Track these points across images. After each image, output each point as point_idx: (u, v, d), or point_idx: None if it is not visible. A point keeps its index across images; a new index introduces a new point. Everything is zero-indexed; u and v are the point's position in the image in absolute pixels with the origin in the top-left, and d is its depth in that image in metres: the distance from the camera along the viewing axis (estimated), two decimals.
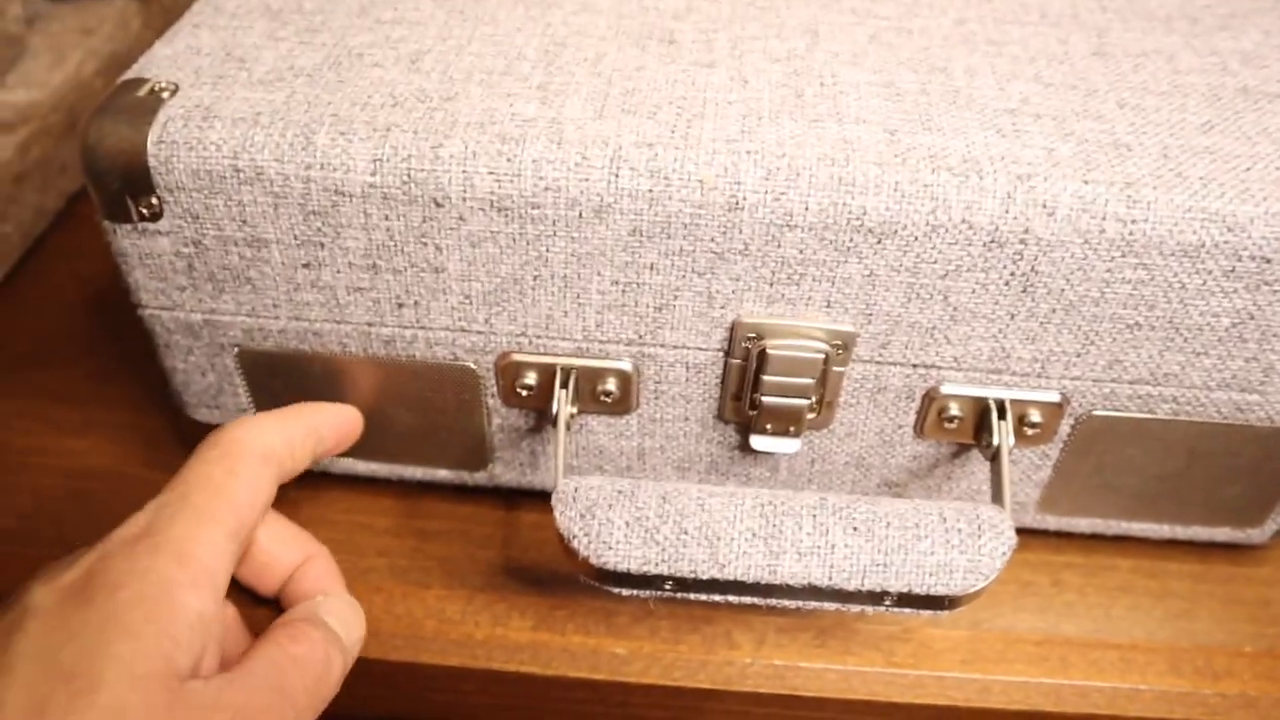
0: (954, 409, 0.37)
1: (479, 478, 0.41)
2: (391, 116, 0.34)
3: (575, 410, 0.37)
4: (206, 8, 0.39)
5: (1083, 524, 0.41)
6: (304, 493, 0.43)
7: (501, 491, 0.43)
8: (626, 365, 0.37)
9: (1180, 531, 0.41)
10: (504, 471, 0.41)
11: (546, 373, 0.37)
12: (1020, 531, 0.43)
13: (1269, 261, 0.33)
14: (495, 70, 0.36)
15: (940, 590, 0.32)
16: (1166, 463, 0.39)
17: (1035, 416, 0.37)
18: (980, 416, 0.37)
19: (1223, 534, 0.41)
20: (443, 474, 0.42)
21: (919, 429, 0.38)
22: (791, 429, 0.37)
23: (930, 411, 0.37)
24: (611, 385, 0.37)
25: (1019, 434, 0.37)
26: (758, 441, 0.38)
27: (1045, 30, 0.40)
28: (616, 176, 0.32)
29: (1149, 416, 0.37)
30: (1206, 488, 0.39)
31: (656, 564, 0.32)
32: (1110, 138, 0.34)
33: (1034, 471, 0.39)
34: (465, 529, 0.42)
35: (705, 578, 0.32)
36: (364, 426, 0.38)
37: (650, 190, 0.32)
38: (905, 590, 0.32)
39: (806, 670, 0.38)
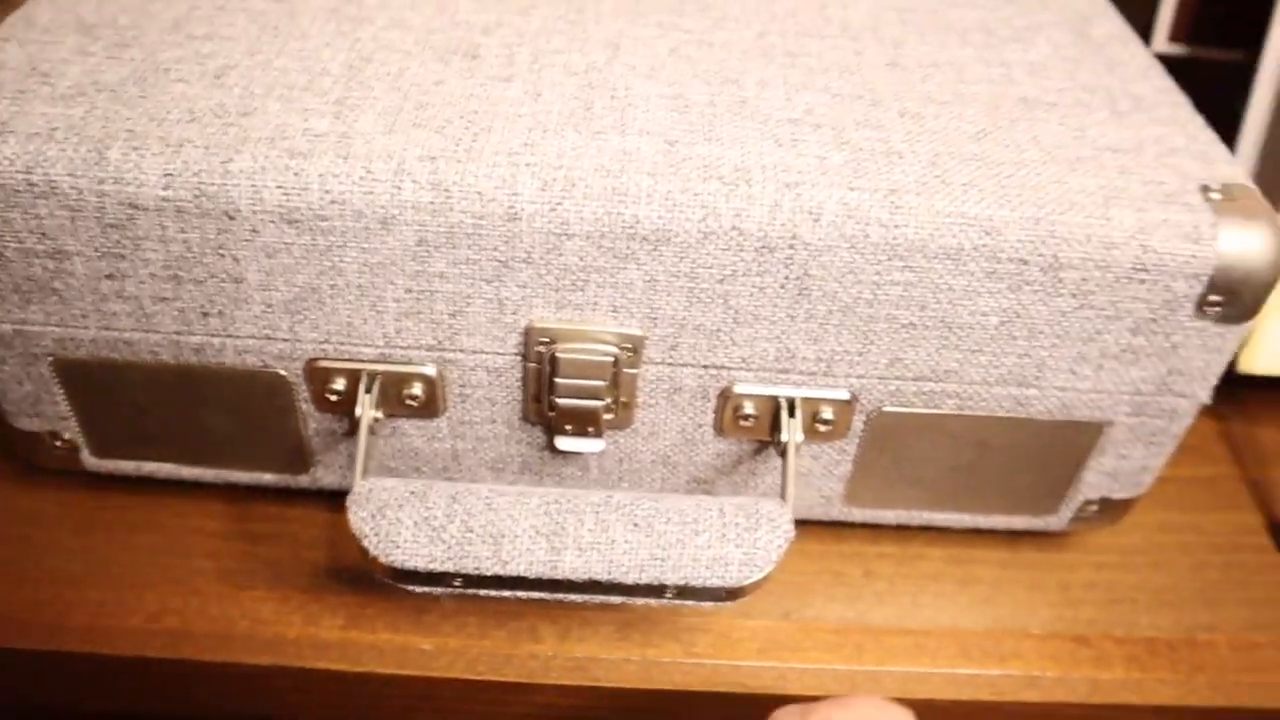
0: (748, 407, 0.38)
1: (302, 481, 0.42)
2: (186, 132, 0.34)
3: (381, 414, 0.38)
4: (19, 22, 0.40)
5: (889, 515, 0.43)
6: (133, 498, 0.44)
7: (327, 494, 0.44)
8: (430, 370, 0.38)
9: (983, 521, 0.43)
10: (325, 474, 0.42)
11: (353, 378, 0.38)
12: (832, 524, 0.44)
13: (1026, 263, 0.34)
14: (297, 85, 0.37)
15: (716, 583, 0.34)
16: (959, 455, 0.40)
17: (827, 413, 0.38)
18: (774, 414, 0.38)
19: (1022, 522, 0.43)
20: (268, 478, 0.42)
21: (718, 427, 0.39)
22: (591, 429, 0.38)
23: (726, 410, 0.39)
24: (417, 389, 0.38)
25: (814, 431, 0.39)
26: (562, 442, 0.39)
27: (844, 43, 0.42)
28: (399, 190, 0.33)
29: (936, 411, 0.39)
30: (1000, 478, 0.41)
31: (442, 562, 0.34)
32: (884, 146, 0.36)
33: (835, 466, 0.41)
34: (294, 531, 0.43)
35: (490, 574, 0.33)
36: (186, 432, 0.39)
37: (432, 202, 0.33)
38: (683, 583, 0.34)
39: (607, 662, 0.39)
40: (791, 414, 0.38)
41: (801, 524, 0.45)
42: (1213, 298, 0.35)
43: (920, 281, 0.35)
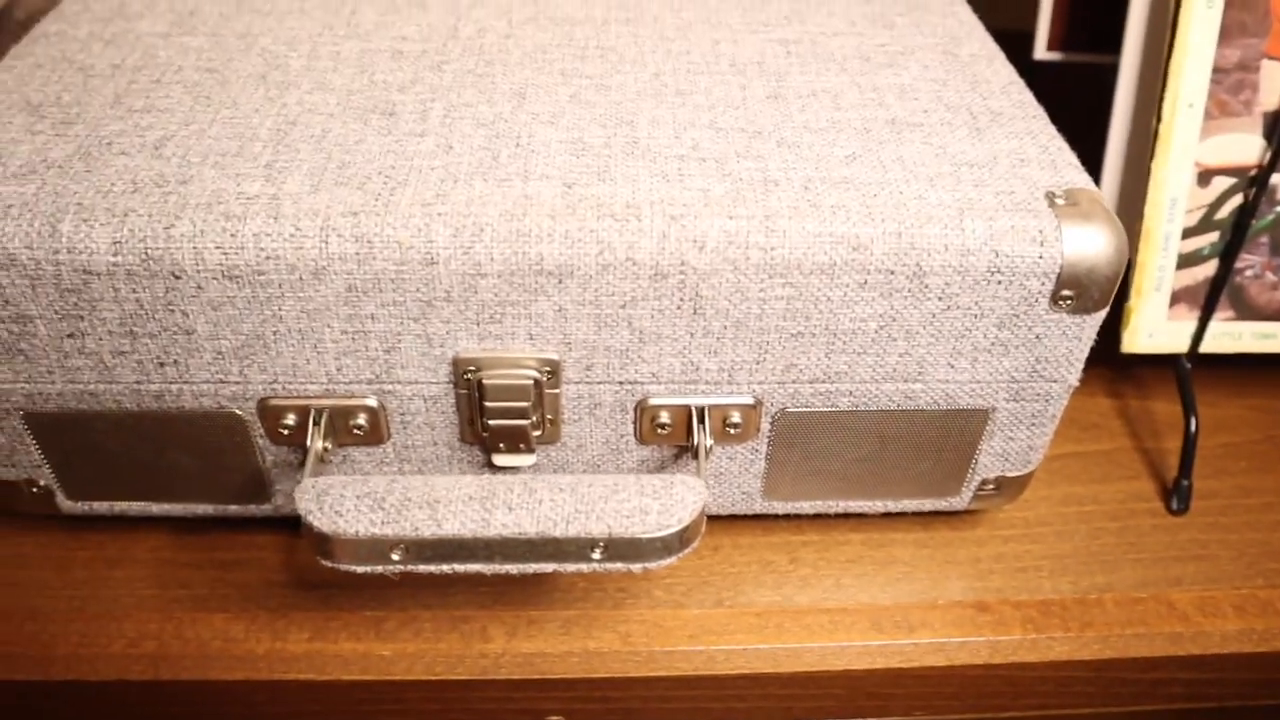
0: (664, 417, 0.42)
1: (265, 510, 0.46)
2: (130, 202, 0.38)
3: (330, 444, 0.42)
4: None
5: (806, 506, 0.47)
6: (108, 536, 0.47)
7: (290, 521, 0.47)
8: (373, 401, 0.42)
9: (893, 505, 0.47)
10: (285, 502, 0.46)
11: (302, 413, 0.42)
12: (759, 518, 0.48)
13: (893, 273, 0.38)
14: (229, 152, 0.41)
15: (637, 531, 0.37)
16: (861, 447, 0.44)
17: (735, 417, 0.42)
18: (687, 421, 0.42)
19: (929, 504, 0.47)
20: (233, 509, 0.46)
21: (639, 437, 0.43)
22: (523, 445, 0.42)
23: (644, 421, 0.42)
24: (362, 420, 0.42)
25: (725, 434, 0.43)
26: (498, 459, 0.43)
27: (731, 78, 0.46)
28: (326, 244, 0.37)
29: (834, 409, 0.43)
30: (902, 466, 0.45)
31: (382, 526, 0.37)
32: (763, 175, 0.40)
33: (750, 465, 0.45)
34: (261, 557, 0.47)
35: (428, 536, 0.37)
36: (153, 471, 0.43)
37: (357, 253, 0.37)
38: (607, 535, 0.37)
39: (552, 655, 0.43)
40: (701, 421, 0.42)
41: (730, 519, 0.49)
42: (1064, 293, 0.39)
43: (800, 295, 0.39)
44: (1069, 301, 0.39)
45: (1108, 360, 0.56)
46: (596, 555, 0.37)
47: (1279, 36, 0.47)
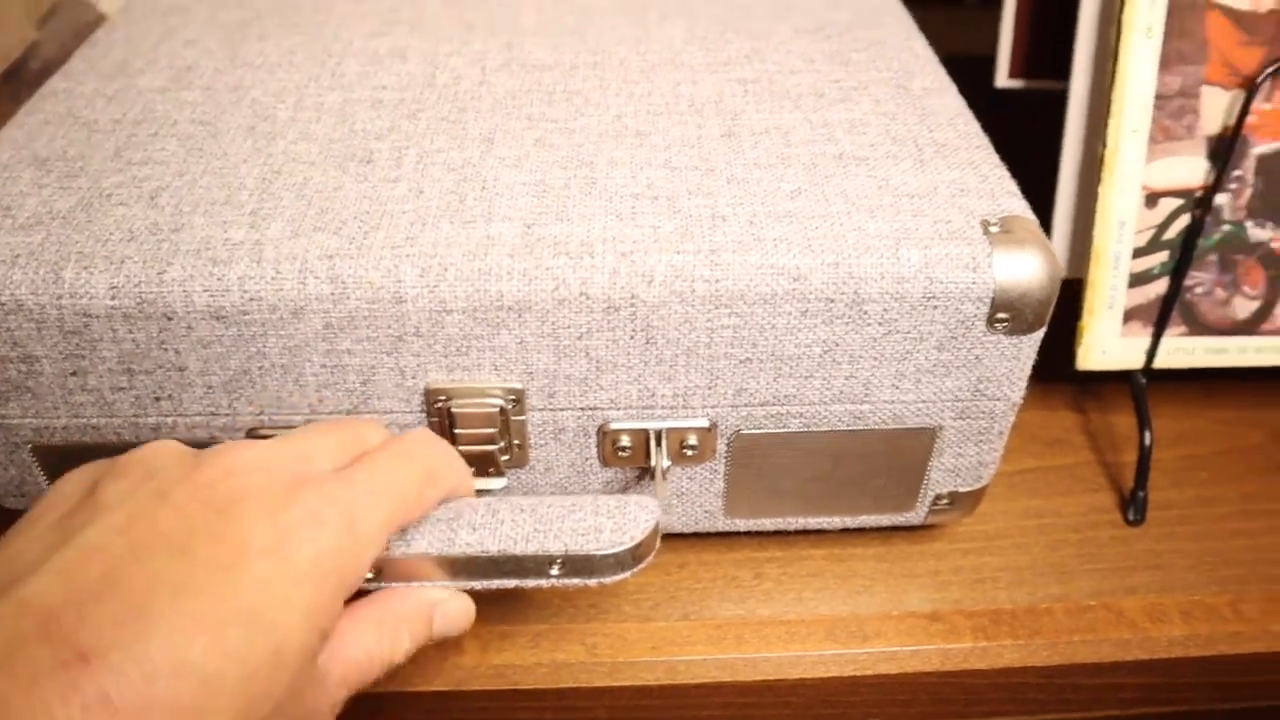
0: (625, 440, 0.45)
1: None
2: (126, 249, 0.41)
3: None
4: None
5: (767, 523, 0.49)
6: None
7: None
8: None
9: (851, 521, 0.50)
10: None
11: None
12: (723, 535, 0.51)
13: (833, 301, 0.41)
14: (218, 200, 0.44)
15: (591, 549, 0.39)
16: (815, 467, 0.47)
17: (692, 440, 0.45)
18: (646, 444, 0.45)
19: (887, 520, 0.50)
20: None
21: (602, 459, 0.46)
22: (492, 469, 0.45)
23: (606, 444, 0.45)
24: None
25: (683, 455, 0.45)
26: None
27: (689, 118, 0.48)
28: (304, 285, 0.40)
29: (786, 430, 0.45)
30: (857, 483, 0.48)
31: None
32: (711, 211, 0.42)
33: (710, 484, 0.47)
34: None
35: (396, 554, 0.39)
36: None
37: (332, 293, 0.40)
38: (563, 552, 0.39)
39: (522, 667, 0.45)
40: (659, 443, 0.44)
41: (696, 538, 0.51)
42: (999, 316, 0.41)
43: (746, 324, 0.41)
44: (1004, 324, 0.42)
45: (1071, 377, 0.57)
46: (555, 571, 0.40)
47: (1217, 64, 0.49)
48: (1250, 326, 0.54)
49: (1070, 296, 0.53)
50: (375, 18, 0.58)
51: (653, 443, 0.45)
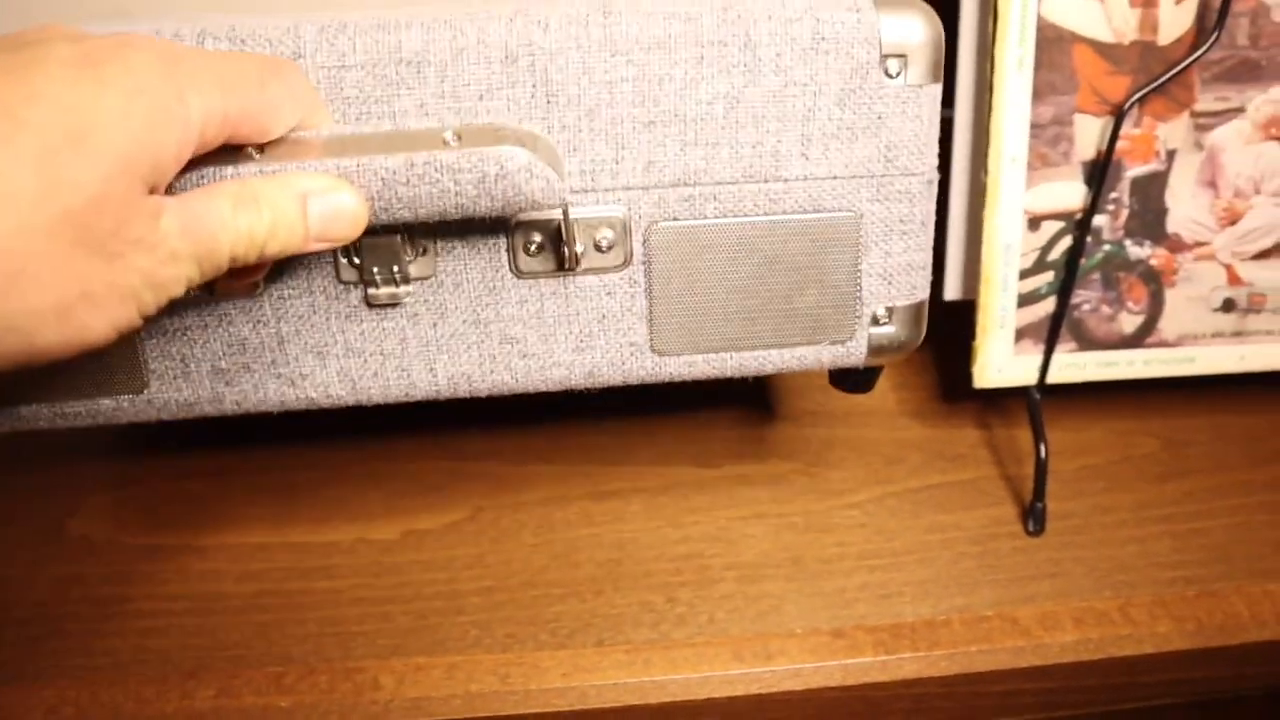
0: (535, 236, 0.42)
1: (140, 404, 0.44)
2: None
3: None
4: None
5: (699, 362, 0.45)
6: None
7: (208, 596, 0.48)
8: None
9: (789, 356, 0.46)
10: (161, 388, 0.44)
11: None
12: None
13: (726, 45, 0.41)
14: None
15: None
16: (743, 270, 0.44)
17: (607, 233, 0.43)
18: (557, 237, 0.42)
19: (827, 355, 0.46)
20: (105, 404, 0.44)
21: (514, 269, 0.43)
22: (396, 269, 0.42)
23: (518, 246, 0.42)
24: None
25: (600, 254, 0.43)
26: (375, 296, 0.43)
27: None
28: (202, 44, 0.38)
29: (704, 222, 0.43)
30: (787, 295, 0.44)
31: None
32: None
33: (632, 303, 0.44)
34: (179, 623, 0.47)
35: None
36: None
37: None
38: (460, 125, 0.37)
39: (437, 699, 0.44)
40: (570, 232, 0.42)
41: (614, 562, 0.50)
42: (890, 59, 0.42)
43: (644, 75, 0.41)
44: (899, 72, 0.42)
45: (975, 395, 0.56)
46: (449, 137, 0.37)
47: (1086, 93, 0.53)
48: (1137, 340, 0.54)
49: (965, 319, 0.54)
50: None
51: (565, 230, 0.42)
